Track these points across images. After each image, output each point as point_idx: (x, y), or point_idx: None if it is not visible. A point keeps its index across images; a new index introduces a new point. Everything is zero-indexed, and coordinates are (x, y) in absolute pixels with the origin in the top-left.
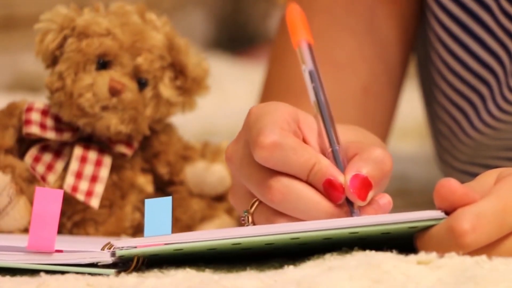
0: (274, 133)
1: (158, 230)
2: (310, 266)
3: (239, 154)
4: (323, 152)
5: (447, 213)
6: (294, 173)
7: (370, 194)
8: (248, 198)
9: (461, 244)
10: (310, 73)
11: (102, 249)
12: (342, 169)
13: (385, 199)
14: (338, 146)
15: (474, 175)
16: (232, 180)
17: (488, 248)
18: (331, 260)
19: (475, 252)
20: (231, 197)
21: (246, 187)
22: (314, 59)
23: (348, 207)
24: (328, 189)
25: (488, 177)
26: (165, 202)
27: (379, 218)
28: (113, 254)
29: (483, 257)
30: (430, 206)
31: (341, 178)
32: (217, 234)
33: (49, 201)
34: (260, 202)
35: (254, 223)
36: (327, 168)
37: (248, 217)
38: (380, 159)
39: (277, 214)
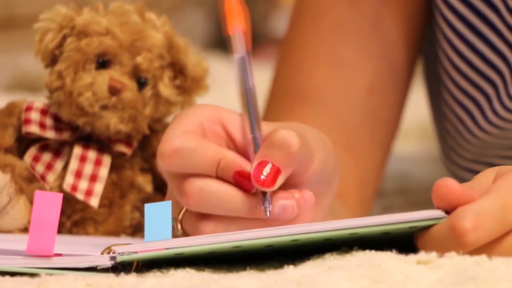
0: (173, 139)
1: (158, 235)
2: (310, 266)
3: None
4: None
5: (447, 212)
6: (203, 172)
7: (280, 179)
8: (178, 205)
9: (463, 242)
10: (239, 60)
11: (102, 253)
12: None
13: (307, 195)
14: (258, 133)
15: None
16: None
17: (489, 246)
18: (331, 260)
19: (475, 250)
20: None
21: None
22: (247, 46)
23: (259, 194)
24: (238, 181)
25: (486, 175)
26: (165, 207)
27: (379, 218)
28: (112, 258)
29: (483, 257)
30: (431, 204)
31: (248, 167)
32: (217, 238)
33: (48, 205)
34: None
35: (184, 230)
36: (233, 161)
37: (176, 224)
38: (284, 141)
39: (200, 218)
